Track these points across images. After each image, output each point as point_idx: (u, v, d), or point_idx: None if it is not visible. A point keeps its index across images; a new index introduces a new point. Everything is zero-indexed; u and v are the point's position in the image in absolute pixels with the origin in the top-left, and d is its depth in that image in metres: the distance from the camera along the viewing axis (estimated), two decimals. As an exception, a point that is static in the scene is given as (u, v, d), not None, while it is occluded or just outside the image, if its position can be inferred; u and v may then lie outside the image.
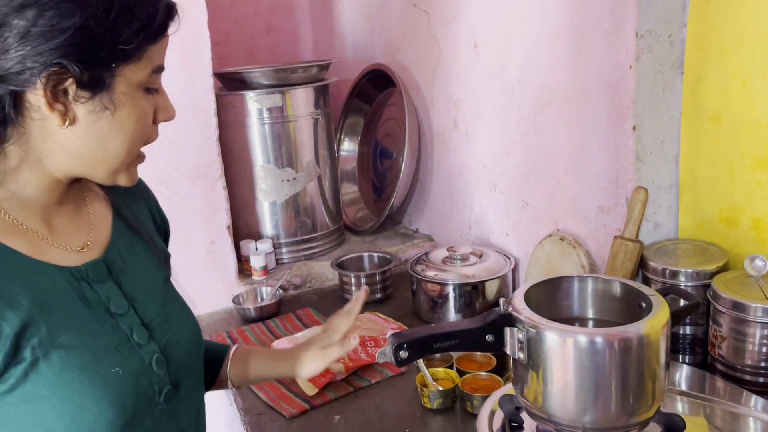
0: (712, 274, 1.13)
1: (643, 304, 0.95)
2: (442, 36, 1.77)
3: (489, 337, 0.90)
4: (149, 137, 0.79)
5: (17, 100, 0.70)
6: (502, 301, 0.91)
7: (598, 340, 0.85)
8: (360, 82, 2.14)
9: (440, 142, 1.86)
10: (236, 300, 1.64)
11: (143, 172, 0.84)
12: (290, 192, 1.85)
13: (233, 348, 1.02)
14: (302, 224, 1.89)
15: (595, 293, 1.00)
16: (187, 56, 1.56)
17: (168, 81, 1.54)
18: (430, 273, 1.53)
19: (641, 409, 0.88)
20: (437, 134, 1.87)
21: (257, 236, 1.84)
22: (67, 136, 0.73)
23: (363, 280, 1.65)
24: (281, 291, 1.69)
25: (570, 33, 1.32)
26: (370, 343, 1.38)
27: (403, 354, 0.87)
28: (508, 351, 0.91)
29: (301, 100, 1.83)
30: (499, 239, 1.67)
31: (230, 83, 1.84)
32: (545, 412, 0.90)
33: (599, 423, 0.88)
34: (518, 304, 0.92)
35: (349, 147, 2.24)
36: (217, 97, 1.66)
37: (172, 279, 0.93)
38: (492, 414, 1.02)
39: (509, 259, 1.57)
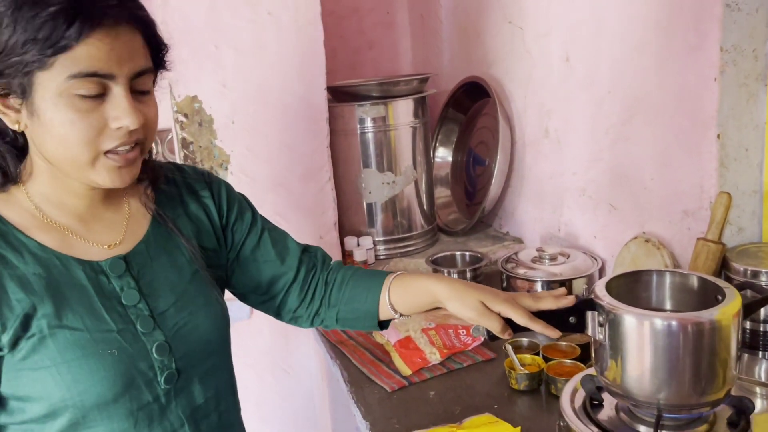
0: (793, 276, 1.19)
1: (719, 298, 1.04)
2: (536, 50, 1.88)
3: (572, 319, 1.02)
4: (98, 142, 0.80)
5: None
6: (584, 287, 1.02)
7: (673, 323, 0.95)
8: (456, 93, 2.28)
9: (532, 150, 1.97)
10: (341, 290, 1.82)
11: (258, 172, 0.95)
12: (389, 194, 2.02)
13: (391, 277, 1.07)
14: (399, 224, 2.05)
15: (673, 286, 1.09)
16: (305, 72, 1.76)
17: (287, 94, 1.75)
18: (520, 271, 1.64)
19: (712, 390, 0.96)
20: (529, 142, 1.98)
21: (359, 233, 2.02)
22: (32, 139, 0.83)
23: (456, 276, 1.78)
24: (381, 284, 1.85)
25: (656, 47, 1.41)
26: (462, 332, 1.51)
27: (494, 330, 1.01)
28: (589, 332, 1.02)
29: (402, 110, 2.00)
30: (587, 242, 1.76)
31: (339, 95, 2.03)
32: (623, 389, 1.00)
33: (673, 400, 0.97)
34: (600, 292, 1.03)
35: (443, 154, 2.38)
36: (329, 108, 1.85)
37: None
38: (574, 393, 1.13)
39: (596, 259, 1.66)
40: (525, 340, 1.42)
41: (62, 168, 0.84)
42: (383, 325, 1.10)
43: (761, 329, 1.25)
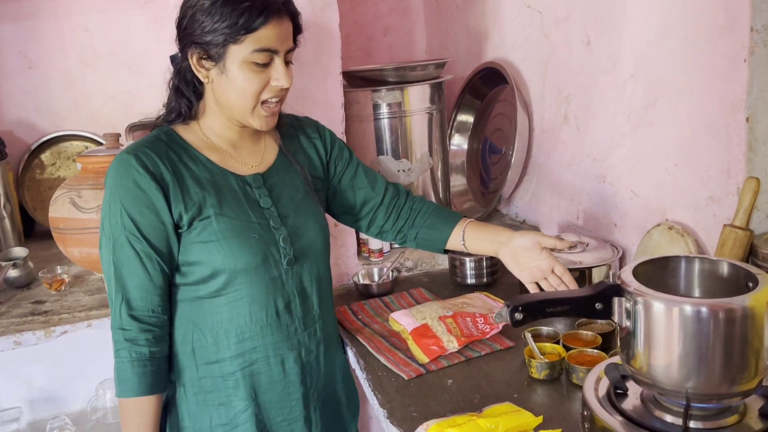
0: (824, 263, 1.16)
1: (750, 284, 1.00)
2: (555, 34, 1.84)
3: (598, 305, 0.99)
4: (261, 94, 1.20)
5: (192, 71, 1.22)
6: (611, 273, 0.99)
7: (703, 309, 0.91)
8: (472, 79, 2.25)
9: (550, 136, 1.93)
10: (356, 277, 1.80)
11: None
12: (405, 181, 1.99)
13: (466, 220, 1.42)
14: (415, 212, 2.02)
15: (701, 273, 1.06)
16: (321, 56, 1.73)
17: (303, 78, 1.72)
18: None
19: (743, 380, 0.93)
20: (547, 128, 1.95)
21: (374, 221, 1.99)
22: (213, 90, 1.22)
23: (473, 264, 1.75)
24: (396, 272, 1.83)
25: (683, 29, 1.37)
26: (480, 320, 1.48)
27: (518, 315, 0.98)
28: (615, 319, 1.00)
29: (418, 96, 1.96)
30: (607, 230, 1.72)
31: (354, 81, 2.00)
32: (650, 377, 0.98)
33: (701, 389, 0.94)
34: (627, 278, 1.00)
35: (459, 141, 2.35)
36: (344, 93, 1.82)
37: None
38: (597, 382, 1.10)
39: (616, 248, 1.62)
40: (544, 329, 1.40)
41: (232, 111, 1.23)
42: (446, 251, 1.46)
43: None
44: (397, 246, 2.00)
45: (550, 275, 1.32)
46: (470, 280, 1.76)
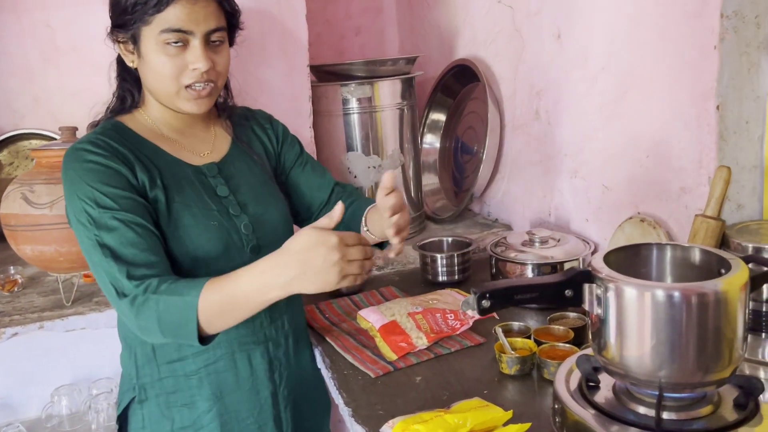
0: (797, 251, 1.14)
1: (722, 271, 0.97)
2: (526, 29, 1.82)
3: (568, 292, 0.95)
4: (180, 78, 1.14)
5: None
6: (581, 259, 0.96)
7: (675, 294, 0.88)
8: (444, 77, 2.22)
9: (522, 133, 1.91)
10: (324, 276, 1.75)
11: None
12: (376, 178, 1.95)
13: (370, 207, 1.30)
14: (386, 210, 1.98)
15: (674, 260, 1.03)
16: (287, 48, 1.69)
17: (269, 70, 1.68)
18: (510, 254, 1.58)
19: (717, 368, 0.90)
20: (518, 125, 1.92)
21: (344, 220, 1.95)
22: (140, 74, 1.18)
23: (444, 261, 1.72)
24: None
25: (653, 18, 1.35)
26: (450, 316, 1.44)
27: (486, 303, 0.93)
28: (586, 306, 0.96)
29: (389, 91, 1.93)
30: (580, 225, 1.70)
31: (323, 76, 1.96)
32: (622, 367, 0.94)
33: (675, 378, 0.91)
34: (597, 264, 0.96)
35: (431, 140, 2.32)
36: (312, 87, 1.78)
37: None
38: (569, 375, 1.07)
39: (588, 243, 1.60)
40: (516, 324, 1.36)
41: (158, 97, 1.18)
42: (380, 245, 1.33)
43: (764, 309, 1.19)
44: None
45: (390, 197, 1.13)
46: (441, 278, 1.72)
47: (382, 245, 1.33)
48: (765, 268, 1.01)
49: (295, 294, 1.25)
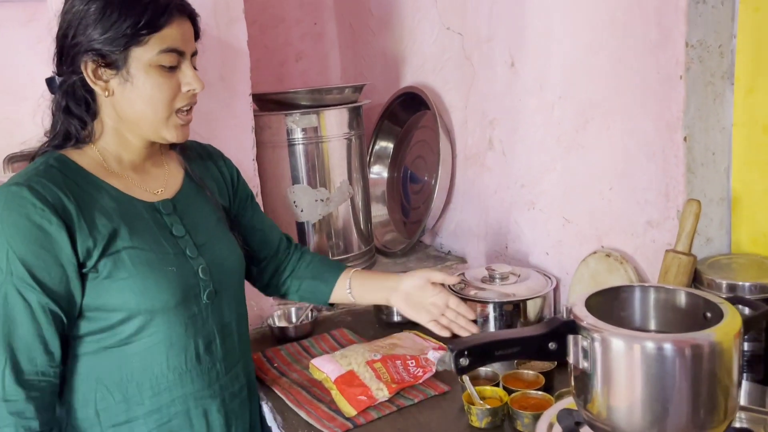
0: (772, 288, 1.10)
1: (708, 315, 0.92)
2: (477, 57, 1.77)
3: (552, 345, 0.87)
4: (174, 102, 1.07)
5: (85, 85, 1.05)
6: (564, 308, 0.88)
7: (667, 346, 0.81)
8: (391, 105, 2.14)
9: (474, 163, 1.85)
10: (271, 320, 1.62)
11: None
12: (323, 212, 1.84)
13: (351, 270, 1.34)
14: (334, 244, 1.87)
15: (657, 303, 0.96)
16: (227, 76, 1.57)
17: (208, 99, 1.55)
18: (471, 292, 1.49)
19: (713, 423, 0.84)
20: (471, 155, 1.86)
21: (290, 257, 1.82)
22: (115, 104, 1.07)
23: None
24: (316, 311, 1.66)
25: (613, 46, 1.32)
26: (412, 362, 1.34)
27: (464, 361, 0.84)
28: (571, 360, 0.88)
29: (335, 121, 1.83)
30: (538, 259, 1.64)
31: (265, 105, 1.85)
32: (610, 424, 0.86)
33: (669, 436, 0.84)
34: (579, 312, 0.89)
35: (378, 170, 2.23)
36: (255, 117, 1.66)
37: None
38: (549, 429, 0.98)
39: (550, 278, 1.53)
40: (483, 370, 1.27)
41: (141, 125, 1.08)
42: (331, 305, 1.37)
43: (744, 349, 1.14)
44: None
45: (446, 310, 1.24)
46: (397, 318, 1.62)
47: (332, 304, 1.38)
48: (749, 310, 0.96)
49: (247, 339, 1.24)
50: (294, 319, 1.65)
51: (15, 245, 0.97)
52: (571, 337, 0.87)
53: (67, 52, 1.05)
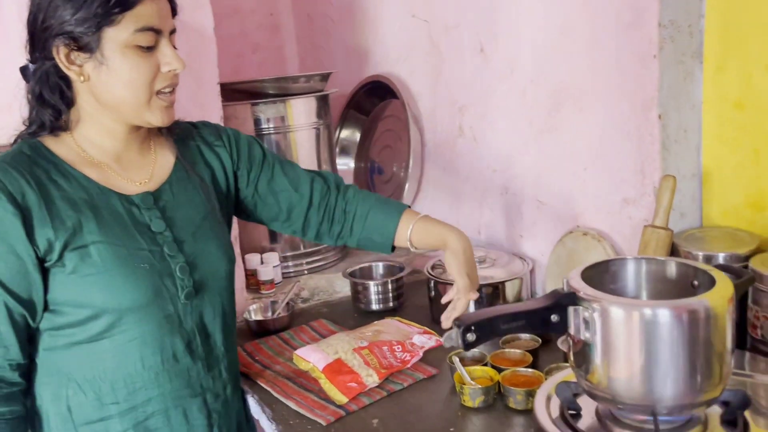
0: (747, 257, 1.14)
1: (695, 283, 0.95)
2: (445, 44, 1.78)
3: (554, 317, 0.88)
4: (154, 83, 1.02)
5: (59, 71, 1.00)
6: (564, 281, 0.89)
7: (665, 312, 0.84)
8: (356, 94, 2.13)
9: (445, 150, 1.85)
10: (247, 314, 1.59)
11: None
12: (294, 203, 1.81)
13: (413, 219, 1.23)
14: (306, 237, 1.85)
15: (647, 275, 0.99)
16: (193, 64, 1.50)
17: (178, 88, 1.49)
18: (449, 276, 1.50)
19: (709, 387, 0.87)
20: (440, 142, 1.87)
21: (261, 250, 1.79)
22: (92, 89, 1.01)
23: (378, 288, 1.61)
24: (292, 303, 1.64)
25: (584, 28, 1.34)
26: (398, 348, 1.34)
27: (471, 336, 0.85)
28: (572, 331, 0.89)
29: (303, 110, 1.81)
30: (513, 242, 1.66)
31: (230, 94, 1.80)
32: (611, 392, 0.88)
33: (668, 401, 0.86)
34: (577, 284, 0.90)
35: (344, 161, 2.21)
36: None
37: None
38: (548, 403, 1.00)
39: (525, 260, 1.55)
40: (470, 352, 1.28)
41: (121, 110, 1.03)
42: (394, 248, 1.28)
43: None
44: (292, 274, 1.82)
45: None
46: (375, 306, 1.62)
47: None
48: (734, 277, 0.99)
49: (232, 339, 1.17)
50: (269, 312, 1.62)
51: None
52: (572, 309, 0.88)
53: (38, 36, 1.00)
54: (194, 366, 1.09)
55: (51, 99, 1.02)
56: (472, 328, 0.84)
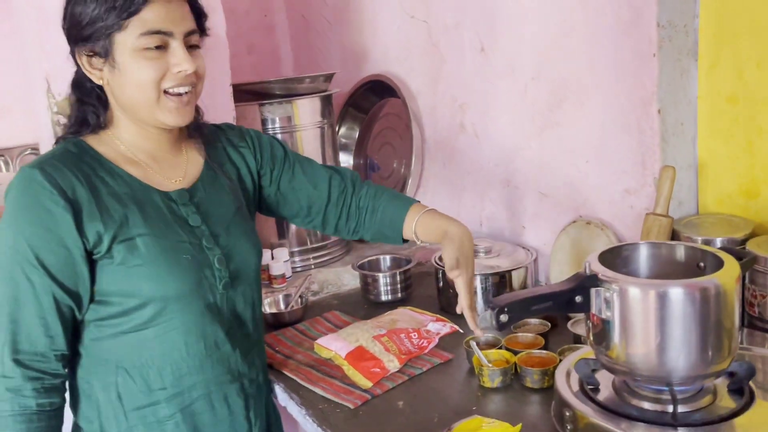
0: (743, 241, 1.23)
1: (702, 264, 1.03)
2: (444, 43, 1.84)
3: (578, 298, 0.95)
4: (161, 83, 1.05)
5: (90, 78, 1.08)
6: (586, 264, 0.97)
7: (679, 290, 0.91)
8: (355, 93, 2.19)
9: (445, 146, 1.92)
10: (263, 307, 1.63)
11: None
12: (301, 200, 1.86)
13: (418, 213, 1.26)
14: (312, 232, 1.90)
15: (657, 258, 1.06)
16: (207, 66, 1.56)
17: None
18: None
19: (719, 359, 0.94)
20: (441, 139, 1.93)
21: (270, 245, 1.84)
22: (112, 91, 1.08)
23: (387, 280, 1.67)
24: (305, 296, 1.69)
25: (585, 28, 1.42)
26: (414, 335, 1.40)
27: (504, 317, 0.92)
28: (593, 310, 0.97)
29: (309, 110, 1.86)
30: (515, 233, 1.73)
31: (237, 95, 1.84)
32: (628, 366, 0.96)
33: (680, 372, 0.93)
34: (596, 266, 0.98)
35: (344, 158, 2.27)
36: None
37: None
38: (567, 380, 1.07)
39: (529, 250, 1.63)
40: (483, 337, 1.35)
41: (136, 110, 1.08)
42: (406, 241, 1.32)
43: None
44: (299, 268, 1.87)
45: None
46: (384, 297, 1.68)
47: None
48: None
49: (261, 328, 1.25)
50: (282, 306, 1.68)
51: (23, 226, 1.00)
52: (593, 290, 0.96)
53: (70, 46, 1.08)
54: (233, 353, 1.15)
55: (89, 101, 1.10)
56: (505, 309, 0.91)
